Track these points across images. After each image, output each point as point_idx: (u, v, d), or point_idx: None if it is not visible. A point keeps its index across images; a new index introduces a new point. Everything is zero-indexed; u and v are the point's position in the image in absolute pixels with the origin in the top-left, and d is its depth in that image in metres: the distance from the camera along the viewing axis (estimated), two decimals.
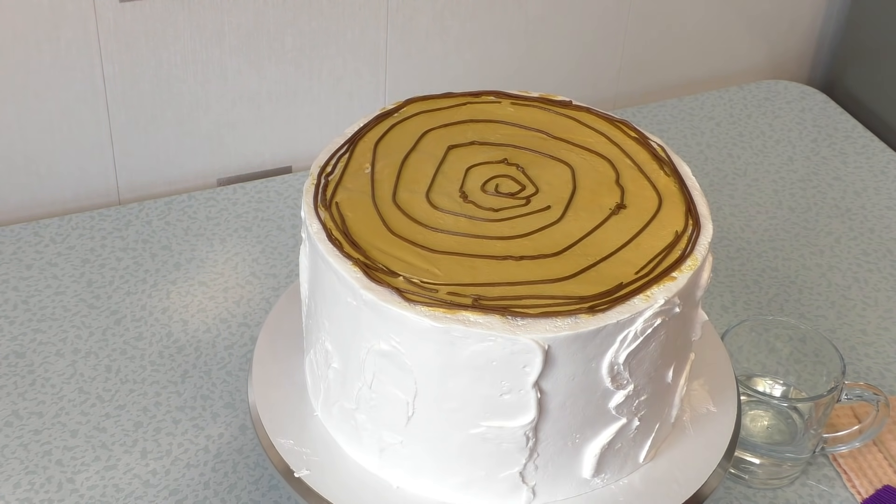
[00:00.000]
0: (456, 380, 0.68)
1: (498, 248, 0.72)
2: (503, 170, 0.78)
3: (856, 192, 1.23)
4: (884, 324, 1.06)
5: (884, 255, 1.14)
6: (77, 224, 1.12)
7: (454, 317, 0.66)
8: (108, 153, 1.16)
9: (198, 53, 1.14)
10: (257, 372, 0.81)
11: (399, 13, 1.19)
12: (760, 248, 1.15)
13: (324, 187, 0.76)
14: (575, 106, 0.85)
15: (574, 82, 1.33)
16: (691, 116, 1.34)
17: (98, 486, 0.88)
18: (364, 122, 0.82)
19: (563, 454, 0.72)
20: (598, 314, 0.67)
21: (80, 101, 1.12)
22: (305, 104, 1.21)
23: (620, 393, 0.70)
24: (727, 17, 1.39)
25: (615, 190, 0.77)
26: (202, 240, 1.12)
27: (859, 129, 1.33)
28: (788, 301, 1.08)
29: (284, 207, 1.16)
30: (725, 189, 1.23)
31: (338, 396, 0.75)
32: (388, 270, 0.69)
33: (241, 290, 1.06)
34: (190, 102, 1.16)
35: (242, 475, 0.89)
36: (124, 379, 0.96)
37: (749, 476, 0.90)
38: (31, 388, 0.95)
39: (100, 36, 1.09)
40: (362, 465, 0.75)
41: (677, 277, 0.70)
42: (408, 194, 0.76)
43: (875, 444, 0.93)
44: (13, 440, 0.91)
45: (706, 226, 0.75)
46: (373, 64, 1.22)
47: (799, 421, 0.90)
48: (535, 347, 0.66)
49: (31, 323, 1.01)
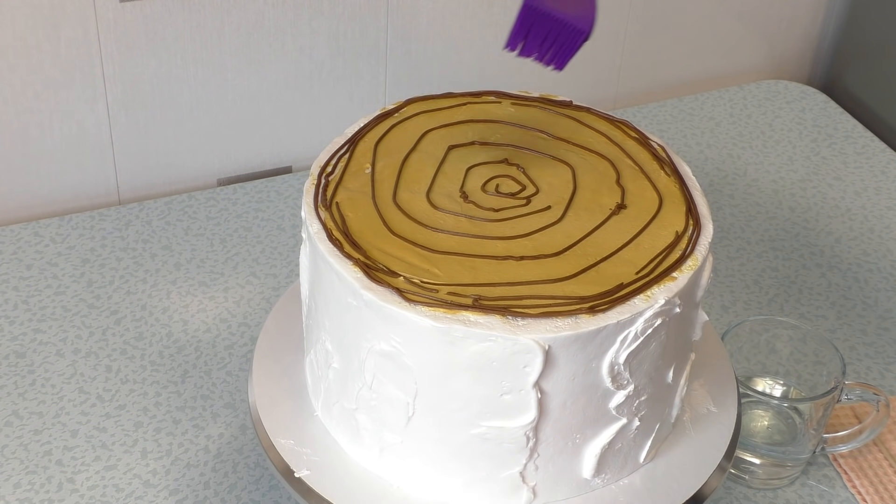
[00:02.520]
0: (456, 380, 0.68)
1: (498, 248, 0.72)
2: (503, 170, 0.78)
3: (856, 192, 1.23)
4: (884, 324, 1.06)
5: (884, 255, 1.14)
6: (77, 224, 1.12)
7: (454, 317, 0.66)
8: (108, 153, 1.16)
9: (198, 53, 1.14)
10: (257, 372, 0.81)
11: (399, 13, 1.19)
12: (760, 248, 1.15)
13: (324, 187, 0.76)
14: (575, 106, 0.85)
15: (574, 82, 1.33)
16: (691, 116, 1.34)
17: (98, 486, 0.88)
18: (364, 122, 0.82)
19: (563, 454, 0.72)
20: (598, 314, 0.67)
21: (80, 101, 1.12)
22: (305, 104, 1.21)
23: (621, 393, 0.70)
24: (727, 17, 1.39)
25: (615, 190, 0.77)
26: (202, 240, 1.12)
27: (859, 129, 1.33)
28: (788, 301, 1.08)
29: (284, 207, 1.16)
30: (725, 189, 1.23)
31: (338, 396, 0.75)
32: (389, 270, 0.69)
33: (241, 290, 1.06)
34: (190, 102, 1.16)
35: (242, 475, 0.89)
36: (124, 379, 0.96)
37: (749, 476, 0.90)
38: (32, 388, 0.95)
39: (100, 36, 1.09)
40: (362, 465, 0.75)
41: (678, 277, 0.70)
42: (408, 194, 0.76)
43: (875, 444, 0.93)
44: (13, 440, 0.91)
45: (706, 226, 0.75)
46: (373, 64, 1.22)
47: (799, 421, 0.90)
48: (535, 347, 0.66)
49: (31, 323, 1.01)
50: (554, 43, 0.69)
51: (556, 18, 0.68)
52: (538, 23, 0.69)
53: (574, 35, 0.69)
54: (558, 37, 0.69)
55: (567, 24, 0.68)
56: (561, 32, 0.68)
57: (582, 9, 0.69)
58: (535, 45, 0.69)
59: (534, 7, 0.69)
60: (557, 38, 0.69)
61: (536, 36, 0.69)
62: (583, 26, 0.68)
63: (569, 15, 0.68)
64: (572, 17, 0.68)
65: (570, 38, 0.69)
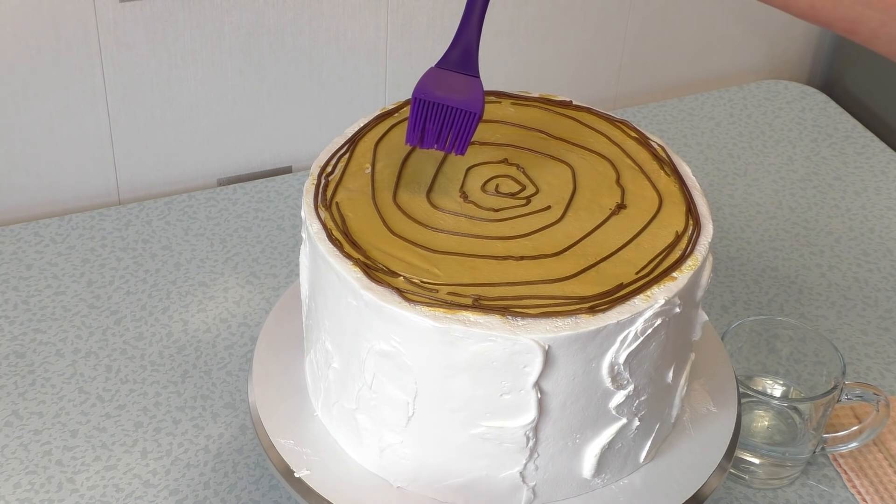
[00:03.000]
0: (456, 380, 0.68)
1: (498, 248, 0.72)
2: (503, 170, 0.78)
3: (856, 192, 1.23)
4: (884, 324, 1.06)
5: (884, 255, 1.14)
6: (77, 224, 1.12)
7: (454, 317, 0.66)
8: (108, 153, 1.16)
9: (198, 53, 1.14)
10: (257, 372, 0.81)
11: (399, 13, 1.19)
12: (760, 248, 1.15)
13: (324, 187, 0.76)
14: (575, 106, 0.85)
15: (574, 82, 1.33)
16: (691, 116, 1.34)
17: (98, 486, 0.88)
18: (364, 122, 0.82)
19: (563, 454, 0.72)
20: (598, 314, 0.67)
21: (80, 101, 1.12)
22: (305, 104, 1.21)
23: (621, 393, 0.70)
24: (727, 18, 1.39)
25: (615, 190, 0.77)
26: (202, 240, 1.12)
27: (859, 129, 1.33)
28: (788, 301, 1.08)
29: (284, 207, 1.16)
30: (725, 189, 1.23)
31: (338, 396, 0.75)
32: (389, 270, 0.69)
33: (241, 290, 1.06)
34: (190, 102, 1.16)
35: (242, 475, 0.89)
36: (124, 379, 0.96)
37: (749, 476, 0.90)
38: (32, 388, 0.95)
39: (100, 36, 1.09)
40: (362, 465, 0.75)
41: (677, 277, 0.70)
42: (408, 194, 0.76)
43: (875, 444, 0.93)
44: (13, 440, 0.91)
45: (706, 226, 0.75)
46: (373, 64, 1.22)
47: (799, 421, 0.90)
48: (535, 347, 0.66)
49: (31, 323, 1.01)
50: (451, 129, 0.71)
51: (447, 106, 0.71)
52: (431, 113, 0.72)
53: (467, 118, 0.71)
54: (454, 123, 0.71)
55: (458, 109, 0.71)
56: (455, 118, 0.71)
57: (469, 92, 0.72)
58: (433, 135, 0.72)
59: (423, 99, 0.71)
60: (454, 125, 0.71)
61: (433, 126, 0.72)
62: (474, 109, 0.71)
63: (458, 100, 0.71)
64: (462, 101, 0.71)
65: (465, 121, 0.71)
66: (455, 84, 0.72)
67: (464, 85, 0.72)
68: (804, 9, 0.69)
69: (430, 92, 0.72)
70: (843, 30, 0.69)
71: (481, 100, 0.72)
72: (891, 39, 0.68)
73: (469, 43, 0.73)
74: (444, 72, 0.73)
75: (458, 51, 0.73)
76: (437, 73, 0.73)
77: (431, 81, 0.72)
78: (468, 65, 0.73)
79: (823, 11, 0.69)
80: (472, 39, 0.73)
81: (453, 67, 0.73)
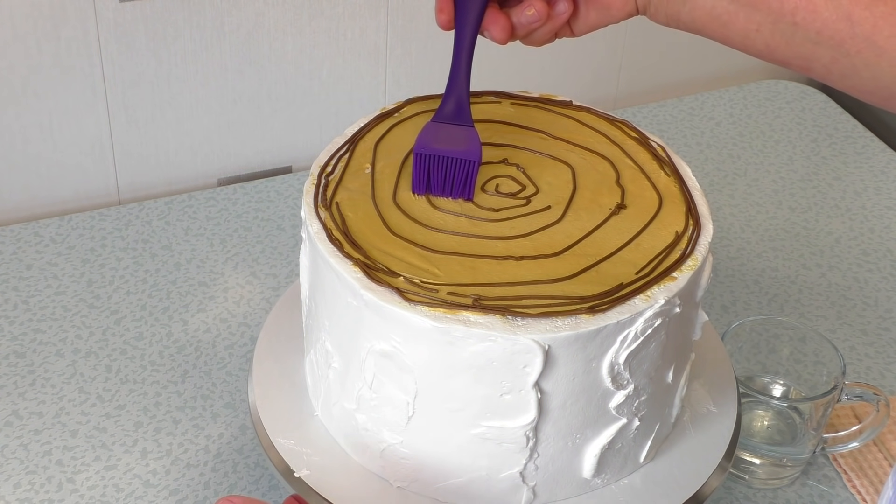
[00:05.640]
0: (456, 380, 0.68)
1: (498, 248, 0.72)
2: (503, 170, 0.78)
3: (856, 192, 1.23)
4: (884, 324, 1.06)
5: (884, 255, 1.14)
6: (77, 224, 1.12)
7: (454, 317, 0.66)
8: (108, 153, 1.16)
9: (198, 53, 1.14)
10: (257, 372, 0.81)
11: (399, 13, 1.20)
12: (760, 248, 1.15)
13: (324, 187, 0.76)
14: (575, 106, 0.85)
15: (574, 82, 1.33)
16: (691, 116, 1.34)
17: (98, 486, 0.88)
18: (364, 122, 0.82)
19: (563, 454, 0.72)
20: (598, 314, 0.67)
21: (80, 101, 1.12)
22: (305, 104, 1.21)
23: (621, 393, 0.70)
24: None
25: (615, 190, 0.77)
26: (202, 240, 1.12)
27: (859, 129, 1.33)
28: (788, 301, 1.08)
29: (284, 207, 1.16)
30: (725, 189, 1.23)
31: (338, 397, 0.75)
32: (389, 270, 0.69)
33: (241, 290, 1.06)
34: (190, 102, 1.16)
35: (242, 475, 0.89)
36: (124, 379, 0.96)
37: (749, 476, 0.90)
38: (31, 388, 0.95)
39: (100, 36, 1.09)
40: (362, 465, 0.75)
41: (678, 277, 0.70)
42: (408, 194, 0.76)
43: (875, 444, 0.93)
44: (13, 440, 0.91)
45: (706, 226, 0.75)
46: (373, 64, 1.22)
47: (799, 421, 0.90)
48: (535, 347, 0.66)
49: (31, 323, 1.01)
50: (455, 177, 0.76)
51: (448, 157, 0.75)
52: (434, 165, 0.75)
53: (468, 166, 0.75)
54: (456, 171, 0.75)
55: (458, 159, 0.75)
56: (457, 167, 0.75)
57: (466, 142, 0.76)
58: (438, 185, 0.75)
59: (424, 154, 0.75)
60: (456, 173, 0.75)
61: (437, 177, 0.76)
62: (472, 157, 0.75)
63: (457, 150, 0.75)
64: (461, 151, 0.75)
65: (466, 169, 0.75)
66: (452, 135, 0.76)
67: (461, 135, 0.76)
68: (761, 49, 0.72)
69: (430, 146, 0.76)
70: (799, 67, 0.72)
71: (479, 148, 0.76)
72: (843, 75, 0.71)
73: (460, 95, 0.77)
74: (441, 125, 0.77)
75: (451, 104, 0.77)
76: (434, 128, 0.77)
77: (430, 136, 0.76)
78: (462, 116, 0.77)
79: (778, 50, 0.71)
80: (462, 91, 0.77)
81: (449, 120, 0.77)
